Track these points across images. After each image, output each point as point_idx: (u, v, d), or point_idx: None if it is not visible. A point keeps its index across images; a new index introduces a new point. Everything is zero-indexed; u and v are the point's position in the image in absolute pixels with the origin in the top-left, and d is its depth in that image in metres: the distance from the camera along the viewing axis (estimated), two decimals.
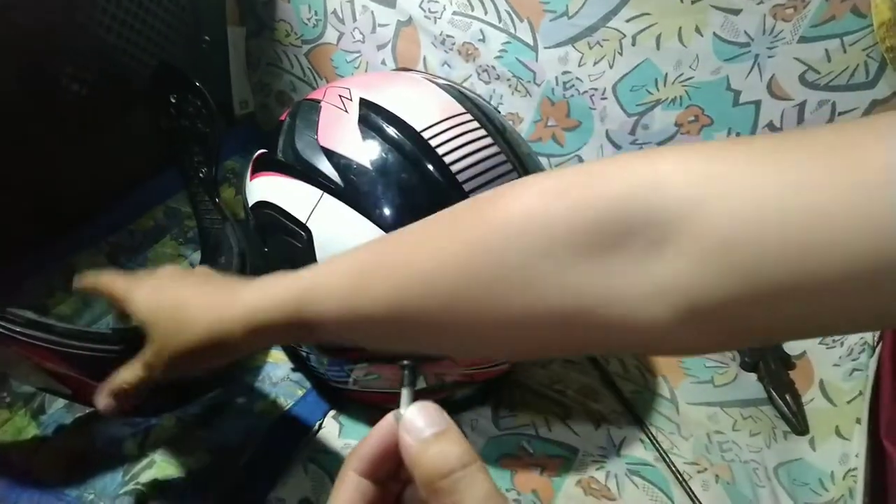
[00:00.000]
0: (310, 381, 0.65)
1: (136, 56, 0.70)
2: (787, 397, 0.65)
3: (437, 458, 0.24)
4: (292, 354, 0.68)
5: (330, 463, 0.57)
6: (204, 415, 0.60)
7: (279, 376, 0.65)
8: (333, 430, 0.61)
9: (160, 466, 0.56)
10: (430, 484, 0.24)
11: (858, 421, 0.61)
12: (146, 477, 0.55)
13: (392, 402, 0.26)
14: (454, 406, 0.63)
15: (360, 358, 0.56)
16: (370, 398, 0.61)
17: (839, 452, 0.61)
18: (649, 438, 0.60)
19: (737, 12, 0.68)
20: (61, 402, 0.60)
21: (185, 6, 0.74)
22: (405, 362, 0.28)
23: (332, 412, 0.63)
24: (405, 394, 0.27)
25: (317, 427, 0.61)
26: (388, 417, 0.27)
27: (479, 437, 0.62)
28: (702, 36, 0.70)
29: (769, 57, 0.69)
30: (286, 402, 0.62)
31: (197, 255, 0.77)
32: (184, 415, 0.60)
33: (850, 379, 0.65)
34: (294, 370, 0.66)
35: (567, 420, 0.63)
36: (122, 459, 0.56)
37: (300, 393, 0.63)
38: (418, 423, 0.25)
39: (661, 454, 0.59)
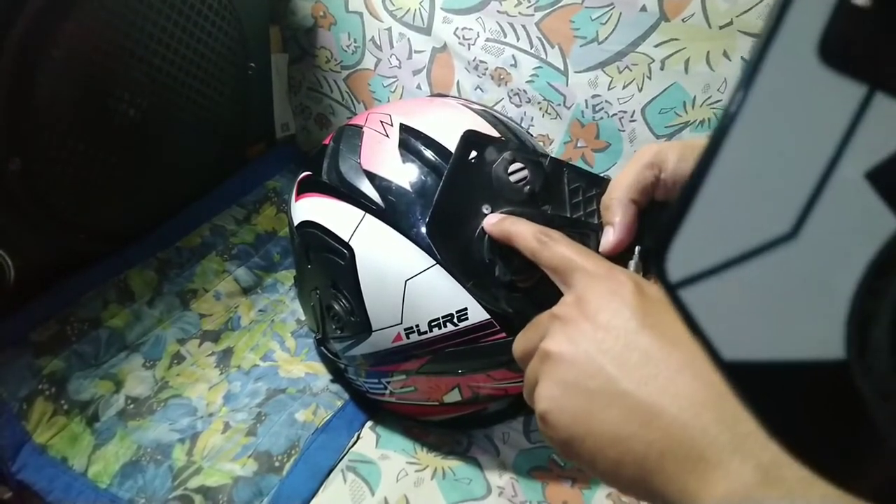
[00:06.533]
0: (348, 392, 0.67)
1: (186, 82, 0.74)
2: None
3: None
4: (331, 366, 0.70)
5: (368, 473, 0.59)
6: (248, 423, 0.63)
7: (319, 387, 0.67)
8: (371, 441, 0.63)
9: (207, 473, 0.58)
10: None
11: None
12: (194, 483, 0.57)
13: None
14: (487, 419, 0.65)
15: (397, 370, 0.58)
16: (406, 409, 0.63)
17: None
18: None
19: None
20: (114, 409, 0.64)
21: (234, 36, 0.78)
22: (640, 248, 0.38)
23: (369, 423, 0.65)
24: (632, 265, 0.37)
25: (355, 438, 0.63)
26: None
27: (510, 450, 0.63)
28: (730, 60, 0.72)
29: None
30: (326, 413, 0.64)
31: (241, 272, 0.80)
32: (231, 422, 0.63)
33: None
34: (333, 381, 0.69)
35: None
36: (171, 465, 0.59)
37: (339, 404, 0.65)
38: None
39: None
